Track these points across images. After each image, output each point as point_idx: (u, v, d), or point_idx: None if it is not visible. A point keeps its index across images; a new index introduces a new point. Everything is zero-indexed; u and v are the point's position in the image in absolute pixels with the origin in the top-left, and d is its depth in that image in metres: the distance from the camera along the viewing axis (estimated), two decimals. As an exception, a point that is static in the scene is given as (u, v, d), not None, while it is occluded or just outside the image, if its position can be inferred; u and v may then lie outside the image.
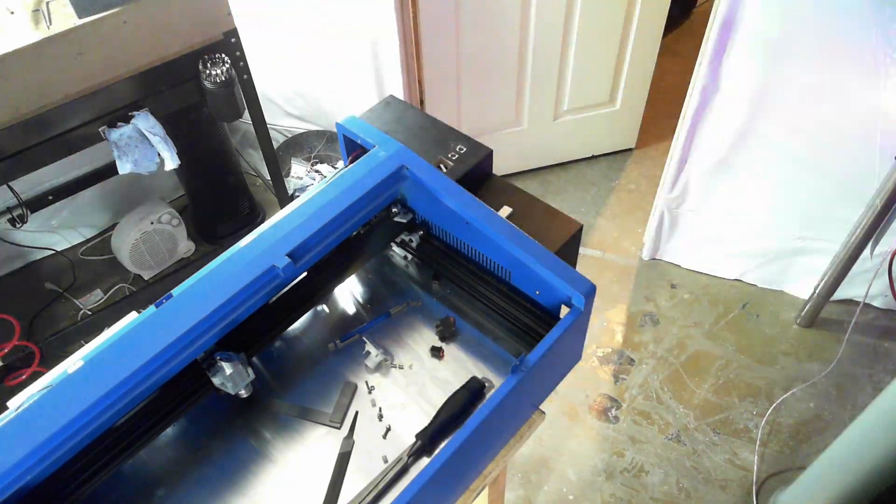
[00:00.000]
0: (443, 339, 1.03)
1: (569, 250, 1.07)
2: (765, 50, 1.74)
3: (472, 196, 0.97)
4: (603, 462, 1.92)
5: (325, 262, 1.01)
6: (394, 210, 1.07)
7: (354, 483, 0.89)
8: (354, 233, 1.05)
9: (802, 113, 1.84)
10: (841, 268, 2.00)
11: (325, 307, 1.09)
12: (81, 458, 0.84)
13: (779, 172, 1.99)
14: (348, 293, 1.12)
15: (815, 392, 2.05)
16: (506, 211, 1.07)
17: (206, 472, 0.92)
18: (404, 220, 1.07)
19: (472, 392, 0.93)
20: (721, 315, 2.25)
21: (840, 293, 2.11)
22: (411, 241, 1.11)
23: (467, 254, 1.06)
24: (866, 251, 1.91)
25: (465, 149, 1.12)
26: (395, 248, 1.15)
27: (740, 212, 2.16)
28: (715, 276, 2.35)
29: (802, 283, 2.23)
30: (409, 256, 1.13)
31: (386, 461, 0.90)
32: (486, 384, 0.97)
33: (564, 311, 0.93)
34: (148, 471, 0.92)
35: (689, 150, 2.05)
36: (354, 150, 1.09)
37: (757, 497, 1.84)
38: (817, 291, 2.11)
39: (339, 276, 1.09)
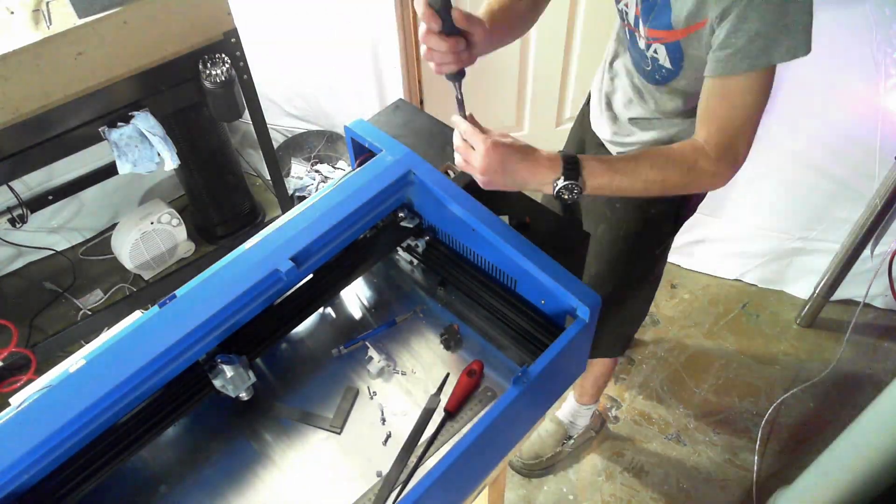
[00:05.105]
0: (447, 346, 1.02)
1: (575, 260, 1.07)
2: (765, 50, 1.74)
3: (478, 203, 0.97)
4: (603, 462, 1.92)
5: (330, 265, 1.01)
6: (400, 215, 1.07)
7: (353, 487, 0.89)
8: (361, 236, 1.04)
9: (802, 113, 1.84)
10: (841, 268, 2.00)
11: (331, 311, 1.09)
12: (83, 455, 0.85)
13: (779, 172, 1.99)
14: (354, 297, 1.12)
15: (815, 392, 2.05)
16: (504, 220, 1.07)
17: (206, 472, 0.92)
18: (411, 225, 1.07)
19: None
20: (721, 315, 2.26)
21: (840, 293, 2.11)
22: (417, 246, 1.10)
23: (473, 261, 1.06)
24: (866, 251, 1.91)
25: None
26: (401, 252, 1.15)
27: (740, 211, 2.16)
28: (715, 276, 2.36)
29: (802, 283, 2.23)
30: (415, 262, 1.13)
31: (379, 476, 0.90)
32: (490, 393, 0.97)
33: (570, 320, 0.92)
34: (149, 470, 0.93)
35: (690, 150, 2.05)
36: (362, 153, 1.09)
37: (757, 497, 1.84)
38: (817, 291, 2.12)
39: (344, 280, 1.09)
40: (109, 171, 1.92)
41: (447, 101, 2.59)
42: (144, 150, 1.72)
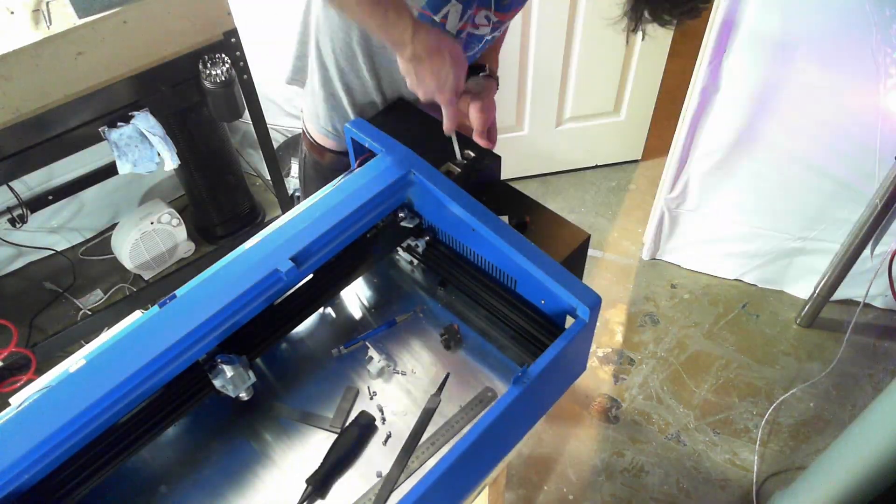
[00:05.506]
0: (447, 346, 1.02)
1: (576, 260, 1.07)
2: (765, 50, 1.74)
3: (478, 203, 0.97)
4: (603, 462, 1.92)
5: (330, 265, 1.01)
6: (400, 215, 1.07)
7: (349, 487, 0.89)
8: (361, 236, 1.04)
9: (802, 113, 1.84)
10: (841, 268, 2.00)
11: (331, 311, 1.09)
12: (83, 455, 0.84)
13: (779, 172, 1.99)
14: (354, 297, 1.11)
15: (815, 392, 2.05)
16: (504, 220, 1.07)
17: (206, 472, 0.92)
18: (411, 225, 1.07)
19: (361, 428, 0.93)
20: (721, 315, 2.26)
21: (840, 293, 2.11)
22: (417, 246, 1.10)
23: (473, 261, 1.05)
24: (866, 251, 1.91)
25: (473, 155, 1.12)
26: (401, 252, 1.14)
27: (740, 212, 2.16)
28: (715, 276, 2.36)
29: (802, 283, 2.23)
30: (415, 262, 1.13)
31: (379, 476, 0.90)
32: (490, 393, 0.97)
33: (570, 320, 0.92)
34: (149, 470, 0.92)
35: (690, 150, 2.06)
36: (362, 153, 1.09)
37: (757, 497, 1.84)
38: (817, 291, 2.12)
39: (344, 280, 1.09)
40: (109, 171, 1.92)
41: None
42: (144, 150, 1.72)
